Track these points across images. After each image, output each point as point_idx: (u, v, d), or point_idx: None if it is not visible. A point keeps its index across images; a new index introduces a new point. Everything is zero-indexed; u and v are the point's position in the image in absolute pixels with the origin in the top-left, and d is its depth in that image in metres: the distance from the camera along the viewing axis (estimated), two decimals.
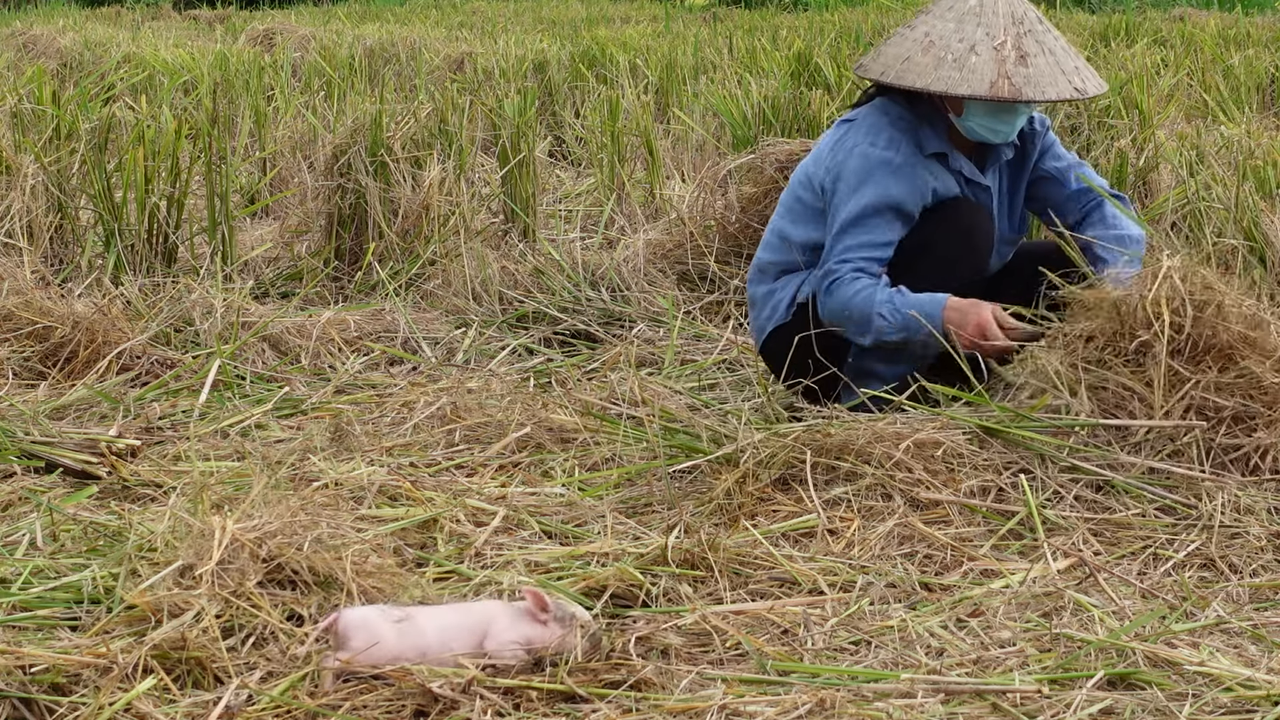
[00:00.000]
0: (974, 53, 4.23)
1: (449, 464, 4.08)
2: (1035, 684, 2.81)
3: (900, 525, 3.54)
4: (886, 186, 4.26)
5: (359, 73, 10.93)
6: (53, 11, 20.62)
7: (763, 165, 5.95)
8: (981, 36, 4.25)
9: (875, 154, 4.28)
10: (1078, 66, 4.31)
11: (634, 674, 2.87)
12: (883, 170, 4.26)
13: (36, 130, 6.35)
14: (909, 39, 4.31)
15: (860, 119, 4.38)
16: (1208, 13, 16.83)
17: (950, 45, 4.25)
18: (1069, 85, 4.25)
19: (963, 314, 4.17)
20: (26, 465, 4.03)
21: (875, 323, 4.20)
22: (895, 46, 4.33)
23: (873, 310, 4.19)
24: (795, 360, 4.30)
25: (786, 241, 4.43)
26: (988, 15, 4.28)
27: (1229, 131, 6.43)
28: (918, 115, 4.33)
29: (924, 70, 4.23)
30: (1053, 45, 4.30)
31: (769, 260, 4.46)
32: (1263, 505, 3.61)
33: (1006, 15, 4.29)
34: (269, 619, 2.94)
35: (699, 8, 20.55)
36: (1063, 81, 4.24)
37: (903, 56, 4.28)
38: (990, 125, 4.29)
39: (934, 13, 4.34)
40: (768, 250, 4.48)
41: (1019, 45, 4.25)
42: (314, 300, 5.88)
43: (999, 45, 4.23)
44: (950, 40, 4.25)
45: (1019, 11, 4.31)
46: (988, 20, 4.28)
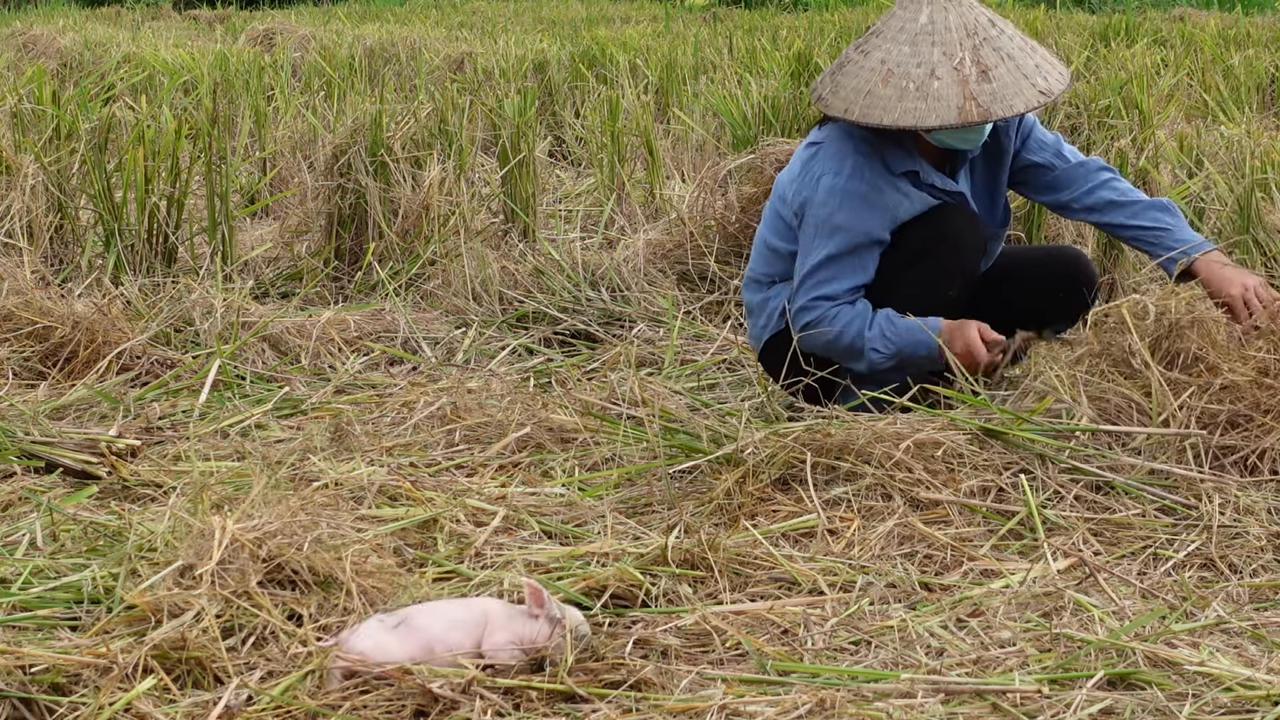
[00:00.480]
0: (935, 77, 4.14)
1: (449, 464, 4.08)
2: (1035, 684, 2.81)
3: (900, 525, 3.54)
4: (855, 222, 4.22)
5: (359, 73, 10.93)
6: (53, 11, 20.62)
7: (763, 165, 5.95)
8: (939, 58, 4.16)
9: (840, 185, 4.23)
10: (1038, 64, 4.23)
11: (634, 674, 2.87)
12: (850, 204, 4.22)
13: (36, 130, 6.35)
14: (865, 68, 4.20)
15: (826, 142, 4.31)
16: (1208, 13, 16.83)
17: (910, 73, 4.16)
18: (1034, 91, 4.17)
19: (950, 335, 4.18)
20: (26, 465, 4.03)
21: (869, 356, 4.22)
22: (852, 78, 4.21)
23: (865, 346, 4.21)
24: (795, 365, 4.30)
25: (774, 253, 4.42)
26: (940, 32, 4.19)
27: (1229, 131, 6.43)
28: (883, 135, 4.25)
29: (888, 104, 4.14)
30: (1009, 49, 4.21)
31: (762, 270, 4.46)
32: (1262, 505, 3.61)
33: (959, 29, 4.19)
34: (269, 619, 2.94)
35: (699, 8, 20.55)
36: (1027, 88, 4.17)
37: (863, 90, 4.18)
38: (962, 136, 4.24)
39: (885, 34, 4.23)
40: (759, 260, 4.47)
41: (978, 59, 4.16)
42: (314, 300, 5.88)
43: (958, 65, 4.14)
44: (909, 67, 4.16)
45: (970, 21, 4.21)
46: (941, 38, 4.18)
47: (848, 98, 4.19)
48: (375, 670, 2.80)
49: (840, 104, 4.19)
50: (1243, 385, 3.79)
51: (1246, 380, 3.79)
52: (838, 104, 4.20)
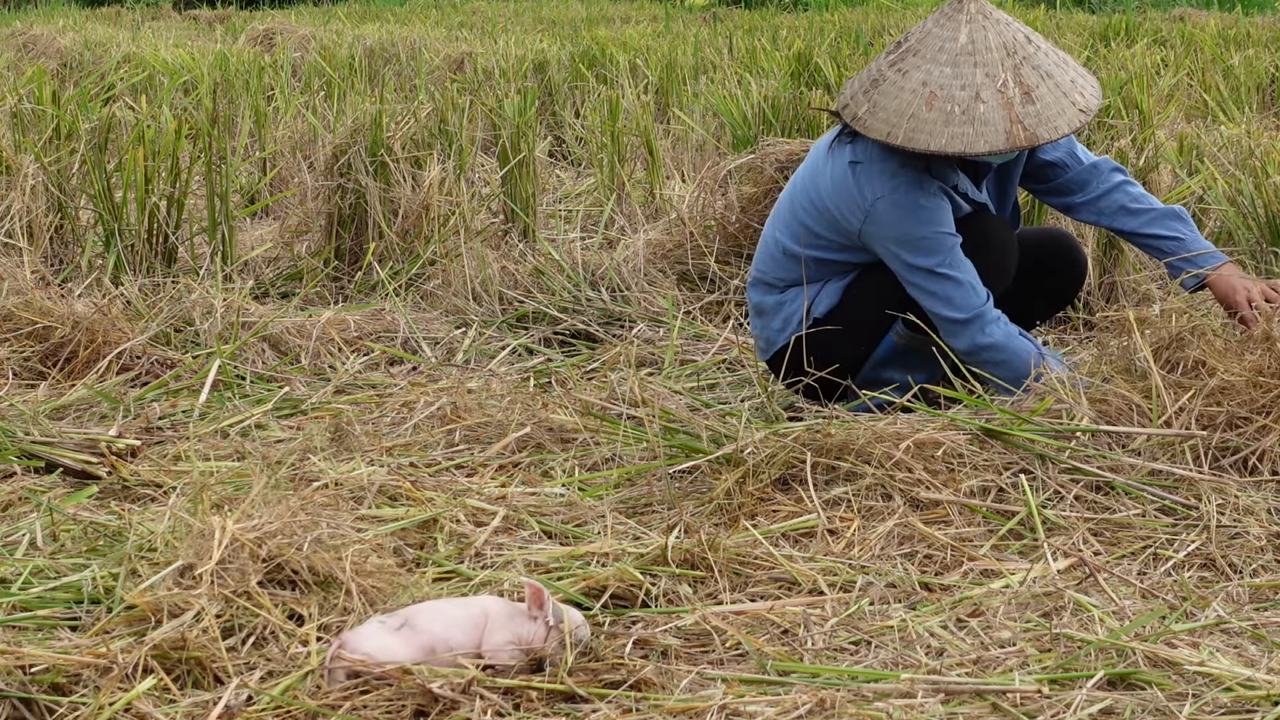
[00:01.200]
0: (980, 100, 4.09)
1: (449, 464, 4.08)
2: (1035, 684, 2.81)
3: (900, 525, 3.54)
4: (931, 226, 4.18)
5: (359, 73, 10.93)
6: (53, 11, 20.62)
7: (763, 165, 5.95)
8: (983, 79, 4.11)
9: (900, 200, 4.18)
10: (1074, 80, 4.20)
11: (634, 674, 2.87)
12: (917, 214, 4.18)
13: (36, 130, 6.35)
14: (905, 89, 4.13)
15: (868, 161, 4.23)
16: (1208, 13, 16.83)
17: (954, 96, 4.10)
18: (1075, 110, 4.14)
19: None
20: (26, 465, 4.03)
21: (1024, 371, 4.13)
22: (892, 99, 4.13)
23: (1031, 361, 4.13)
24: (800, 367, 4.29)
25: (792, 259, 4.36)
26: (981, 52, 4.14)
27: (1229, 131, 6.43)
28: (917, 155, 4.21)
29: (934, 129, 4.08)
30: (1047, 66, 4.18)
31: (775, 274, 4.41)
32: (1262, 505, 3.61)
33: (999, 48, 4.15)
34: (270, 618, 2.94)
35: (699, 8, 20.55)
36: (1068, 107, 4.14)
37: (906, 113, 4.11)
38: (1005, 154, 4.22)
39: (923, 54, 4.16)
40: (773, 263, 4.42)
41: (1020, 80, 4.12)
42: (314, 300, 5.88)
43: (1002, 87, 4.09)
44: (952, 89, 4.10)
45: (1009, 39, 4.17)
46: (983, 58, 4.13)
47: (890, 120, 4.11)
48: (377, 671, 2.80)
49: (882, 126, 4.12)
50: (1240, 386, 3.79)
51: (1243, 380, 3.79)
52: (879, 126, 4.12)
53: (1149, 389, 3.84)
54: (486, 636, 2.88)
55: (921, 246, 4.19)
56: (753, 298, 4.50)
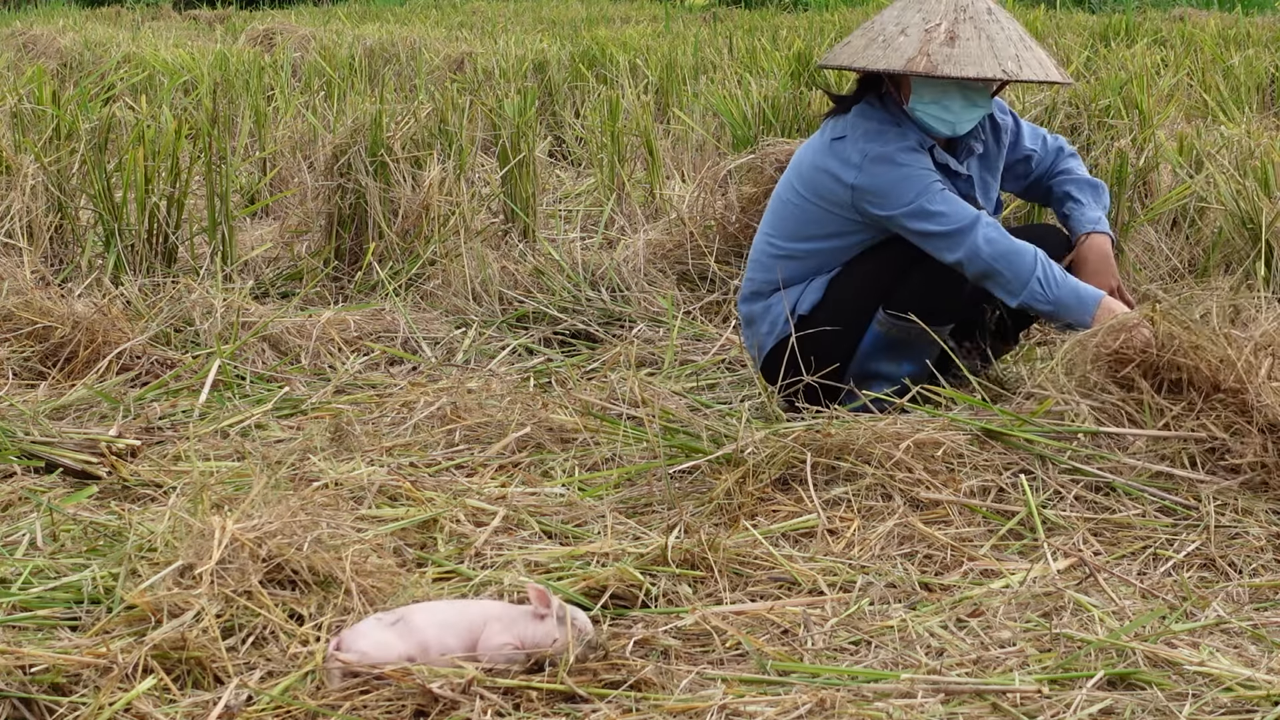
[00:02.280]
0: (904, 34, 4.27)
1: (449, 464, 4.08)
2: (1035, 684, 2.81)
3: (900, 525, 3.54)
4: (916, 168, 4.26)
5: (359, 73, 10.93)
6: (53, 11, 20.62)
7: (763, 165, 5.95)
8: (916, 20, 4.29)
9: (882, 150, 4.27)
10: (1019, 55, 4.26)
11: (634, 674, 2.87)
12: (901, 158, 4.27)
13: (36, 130, 6.35)
14: (858, 31, 4.39)
15: (849, 131, 4.35)
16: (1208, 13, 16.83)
17: (885, 29, 4.31)
18: (997, 66, 4.20)
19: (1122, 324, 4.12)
20: (26, 465, 4.03)
21: (1031, 286, 4.19)
22: (848, 40, 4.40)
23: (1031, 273, 4.19)
24: (798, 370, 4.30)
25: (780, 256, 4.42)
26: (930, 2, 4.32)
27: (1229, 131, 6.43)
28: (894, 116, 4.33)
29: (854, 51, 4.31)
30: (995, 33, 4.26)
31: (763, 279, 4.45)
32: (1262, 506, 3.61)
33: (949, 3, 4.30)
34: (270, 618, 2.94)
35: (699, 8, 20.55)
36: (990, 63, 4.20)
37: (844, 41, 4.39)
38: (936, 115, 4.29)
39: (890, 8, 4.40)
40: (760, 269, 4.47)
41: (953, 29, 4.24)
42: (314, 300, 5.88)
43: (931, 28, 4.25)
44: (887, 25, 4.32)
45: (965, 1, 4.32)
46: (929, 7, 4.31)
47: (834, 51, 4.40)
48: (374, 671, 2.80)
49: (828, 59, 4.40)
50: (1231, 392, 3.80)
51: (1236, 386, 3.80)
52: (827, 59, 4.41)
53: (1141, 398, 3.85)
54: (486, 639, 2.88)
55: (906, 188, 4.26)
56: (742, 311, 4.54)
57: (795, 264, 4.41)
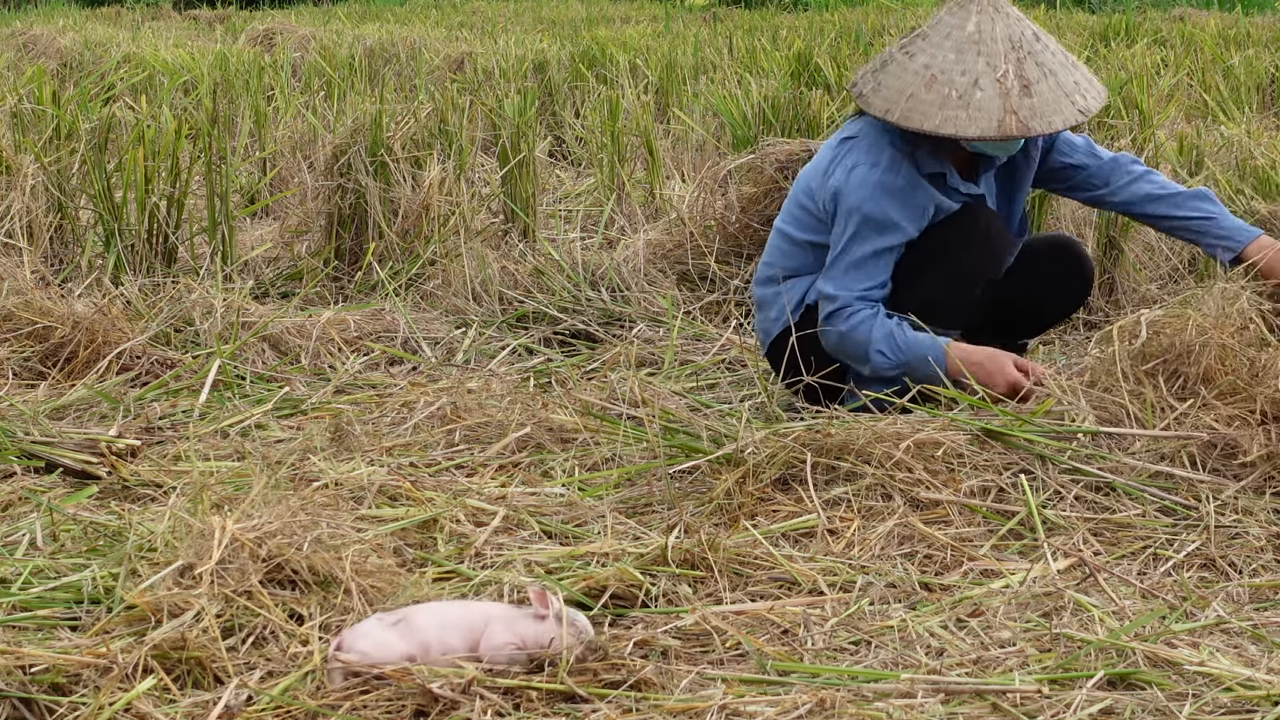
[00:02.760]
0: (978, 88, 4.15)
1: (449, 464, 4.08)
2: (1035, 684, 2.81)
3: (900, 525, 3.54)
4: (888, 213, 4.23)
5: (359, 73, 10.93)
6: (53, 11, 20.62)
7: (763, 165, 5.94)
8: (983, 68, 4.17)
9: (875, 177, 4.24)
10: (1077, 81, 4.24)
11: (634, 674, 2.86)
12: (885, 197, 4.23)
13: (36, 130, 6.34)
14: (909, 70, 4.22)
15: (861, 135, 4.32)
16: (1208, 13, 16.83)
17: (954, 80, 4.17)
18: (1073, 109, 4.18)
19: (985, 369, 4.18)
20: (26, 465, 4.03)
21: (873, 359, 4.23)
22: (895, 78, 4.23)
23: (870, 347, 4.22)
24: (801, 361, 4.30)
25: (792, 245, 4.43)
26: (987, 43, 4.19)
27: (1229, 131, 6.43)
28: (917, 136, 4.26)
29: (929, 110, 4.15)
30: (1052, 64, 4.23)
31: (776, 264, 4.46)
32: (1262, 506, 3.61)
33: (1005, 40, 4.20)
34: (270, 618, 2.94)
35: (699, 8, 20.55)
36: (1066, 105, 4.18)
37: (906, 92, 4.19)
38: (998, 146, 4.28)
39: (931, 39, 4.25)
40: (774, 254, 4.48)
41: (1021, 73, 4.17)
42: (314, 300, 5.88)
43: (1001, 77, 4.15)
44: (953, 74, 4.17)
45: (1016, 34, 4.22)
46: (988, 49, 4.19)
47: (889, 98, 4.20)
48: (375, 671, 2.80)
49: (881, 104, 4.21)
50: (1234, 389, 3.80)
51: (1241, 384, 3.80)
52: (878, 103, 4.22)
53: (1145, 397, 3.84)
54: (487, 639, 2.88)
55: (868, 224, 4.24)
56: (755, 292, 4.55)
57: (806, 254, 4.42)
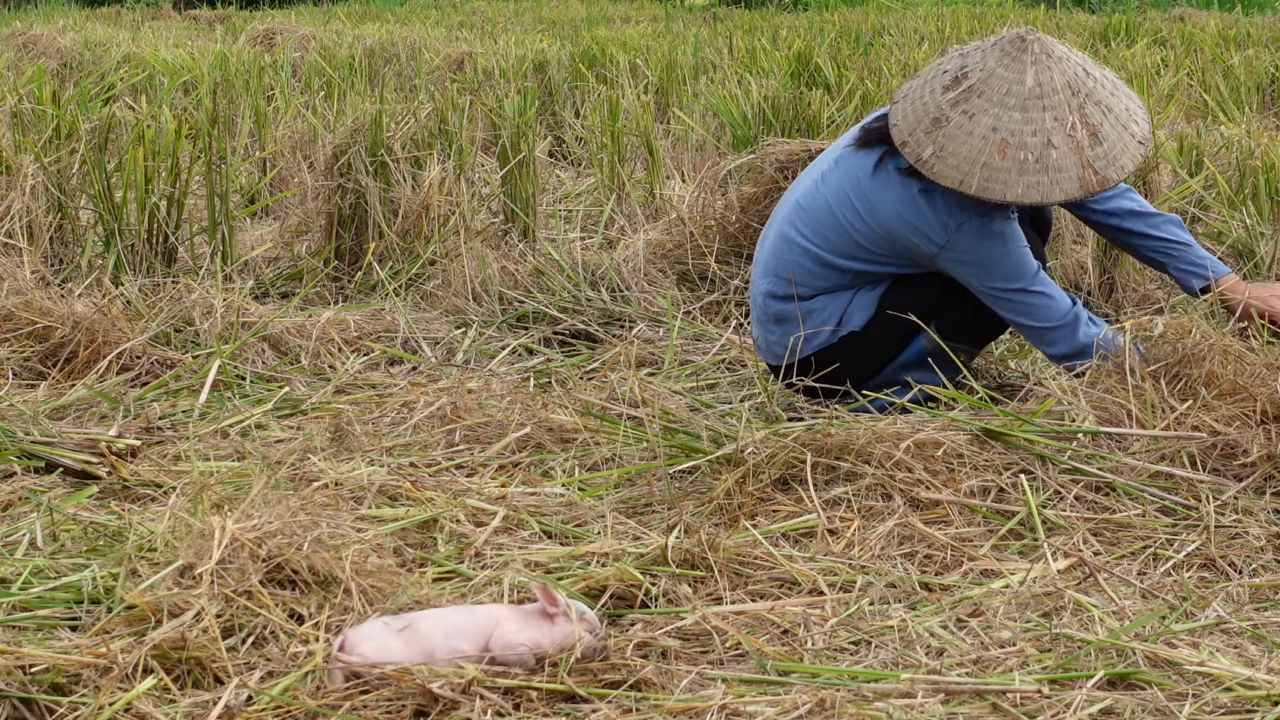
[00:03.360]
0: (1051, 146, 4.06)
1: (449, 464, 4.08)
2: (1035, 684, 2.81)
3: (900, 525, 3.54)
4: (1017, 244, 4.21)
5: (359, 73, 10.93)
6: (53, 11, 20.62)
7: (763, 165, 5.94)
8: (1052, 124, 4.07)
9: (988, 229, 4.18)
10: (1129, 108, 4.18)
11: (634, 674, 2.86)
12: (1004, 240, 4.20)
13: (36, 130, 6.34)
14: (975, 135, 4.07)
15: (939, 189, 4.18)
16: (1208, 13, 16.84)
17: (1025, 142, 4.06)
18: (1135, 144, 4.14)
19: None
20: (26, 465, 4.03)
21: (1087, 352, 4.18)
22: (961, 144, 4.08)
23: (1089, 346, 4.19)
24: (833, 378, 4.31)
25: (825, 268, 4.33)
26: (1049, 95, 4.09)
27: (1229, 131, 6.43)
28: None
29: (1009, 179, 4.05)
30: (1107, 100, 4.15)
31: (804, 282, 4.35)
32: (1262, 506, 3.61)
33: (1065, 89, 4.10)
34: (271, 618, 2.94)
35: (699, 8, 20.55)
36: (1130, 142, 4.13)
37: (978, 161, 4.06)
38: None
39: (989, 97, 4.10)
40: (798, 272, 4.35)
41: (1086, 120, 4.08)
42: (314, 300, 5.88)
43: (1071, 130, 4.07)
44: (1024, 136, 4.07)
45: (1072, 78, 4.12)
46: (1050, 100, 4.08)
47: (962, 168, 4.07)
48: (375, 671, 2.80)
49: (954, 174, 4.07)
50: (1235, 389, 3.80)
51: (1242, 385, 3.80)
52: (950, 174, 4.07)
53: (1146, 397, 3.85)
54: (500, 641, 2.87)
55: (1008, 269, 4.21)
56: (771, 306, 4.41)
57: (837, 275, 4.35)
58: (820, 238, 4.33)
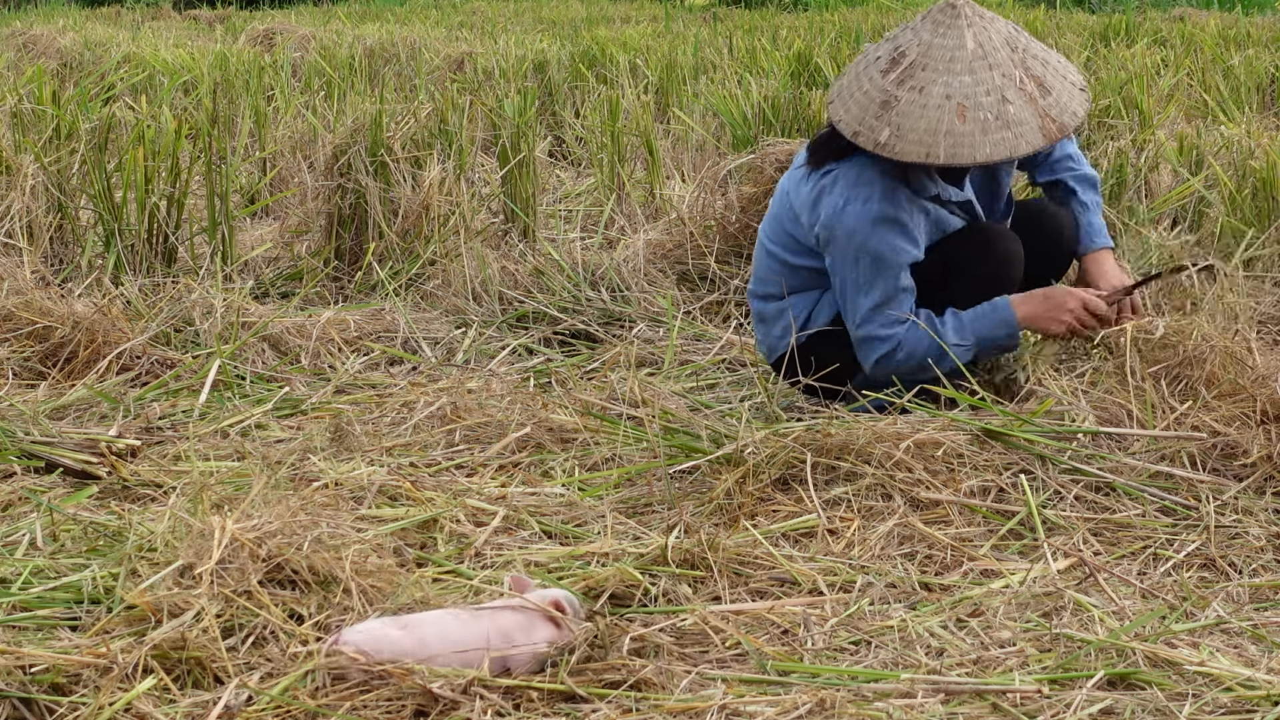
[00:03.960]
0: (1007, 102, 4.08)
1: (449, 464, 4.08)
2: (1035, 684, 2.81)
3: (900, 525, 3.54)
4: (895, 244, 4.18)
5: (359, 73, 10.93)
6: (53, 11, 20.62)
7: (763, 165, 5.95)
8: (1002, 81, 4.10)
9: (873, 210, 4.17)
10: (1058, 59, 4.26)
11: (634, 674, 2.86)
12: (886, 229, 4.17)
13: (36, 130, 6.34)
14: (930, 106, 4.08)
15: (844, 167, 4.22)
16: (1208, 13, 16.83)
17: (981, 103, 4.08)
18: (1078, 91, 4.19)
19: (1047, 303, 4.18)
20: (26, 465, 4.03)
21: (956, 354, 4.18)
22: (917, 119, 4.08)
23: (938, 350, 4.18)
24: (812, 372, 4.32)
25: (786, 267, 4.41)
26: (992, 54, 4.12)
27: (1229, 131, 6.43)
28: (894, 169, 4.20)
29: (975, 140, 4.05)
30: (1039, 53, 4.21)
31: (774, 282, 4.43)
32: (1262, 506, 3.61)
33: (1004, 46, 4.14)
34: (270, 618, 2.94)
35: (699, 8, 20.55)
36: (1071, 88, 4.18)
37: (939, 130, 4.06)
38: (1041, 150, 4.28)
39: (934, 67, 4.12)
40: (768, 272, 4.44)
41: (1030, 73, 4.12)
42: (314, 300, 5.88)
43: (1021, 84, 4.09)
44: (978, 97, 4.08)
45: (1006, 34, 4.18)
46: (994, 59, 4.11)
47: (925, 141, 4.06)
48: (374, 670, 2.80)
49: (917, 149, 4.06)
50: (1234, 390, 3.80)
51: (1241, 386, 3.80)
52: (914, 149, 4.06)
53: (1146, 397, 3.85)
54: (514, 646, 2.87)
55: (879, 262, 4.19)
56: (754, 305, 4.52)
57: (801, 275, 4.40)
58: (777, 237, 4.43)
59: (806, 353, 4.34)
